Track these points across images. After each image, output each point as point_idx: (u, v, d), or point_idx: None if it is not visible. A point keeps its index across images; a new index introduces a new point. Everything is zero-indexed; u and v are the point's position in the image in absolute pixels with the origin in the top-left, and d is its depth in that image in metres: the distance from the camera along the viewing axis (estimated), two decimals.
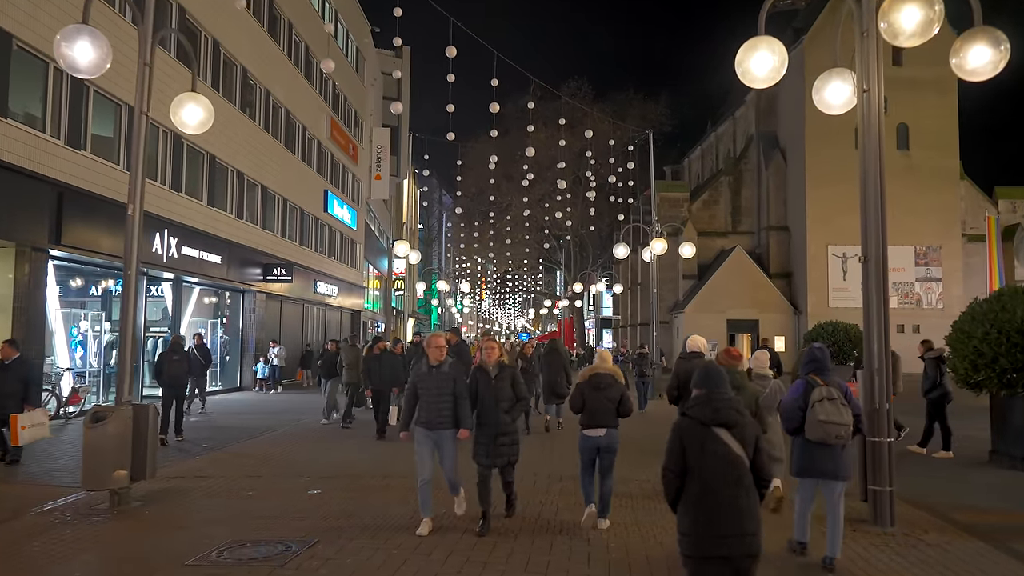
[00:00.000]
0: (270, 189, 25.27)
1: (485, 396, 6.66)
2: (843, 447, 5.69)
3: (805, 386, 5.79)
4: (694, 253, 20.81)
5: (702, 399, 3.96)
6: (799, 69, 39.68)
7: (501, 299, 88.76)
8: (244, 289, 23.71)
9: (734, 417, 3.87)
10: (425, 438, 6.58)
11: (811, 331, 22.10)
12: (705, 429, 3.84)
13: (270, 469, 9.81)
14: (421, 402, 6.60)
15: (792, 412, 5.77)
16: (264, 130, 24.80)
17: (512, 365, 7.52)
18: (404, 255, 21.69)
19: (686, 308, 40.97)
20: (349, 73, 36.25)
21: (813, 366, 5.91)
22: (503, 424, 6.62)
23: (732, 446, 3.80)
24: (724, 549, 3.69)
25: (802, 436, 5.73)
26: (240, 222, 22.71)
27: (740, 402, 4.09)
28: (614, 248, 21.07)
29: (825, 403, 5.59)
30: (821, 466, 5.68)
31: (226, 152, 21.63)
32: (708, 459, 3.79)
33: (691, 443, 3.83)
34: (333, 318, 34.63)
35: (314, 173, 30.35)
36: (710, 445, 3.80)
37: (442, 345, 6.70)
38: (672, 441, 3.91)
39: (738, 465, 3.79)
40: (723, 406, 3.89)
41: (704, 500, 3.76)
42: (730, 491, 3.74)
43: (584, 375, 7.03)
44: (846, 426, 5.57)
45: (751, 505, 3.77)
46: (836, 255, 39.01)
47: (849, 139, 38.94)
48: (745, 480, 3.79)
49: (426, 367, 6.65)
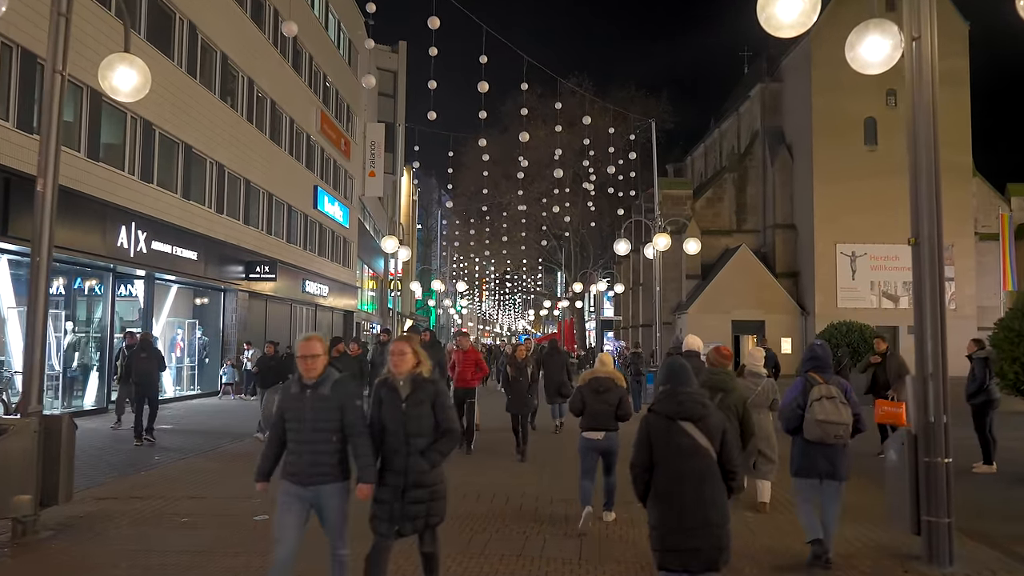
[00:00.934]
0: (254, 183, 24.07)
1: (389, 426, 4.36)
2: (843, 446, 5.60)
3: (804, 384, 5.68)
4: (699, 249, 19.63)
5: (667, 394, 3.98)
6: (806, 62, 38.51)
7: (500, 300, 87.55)
8: (225, 288, 22.50)
9: (699, 411, 3.89)
10: (292, 498, 4.31)
11: (824, 331, 20.88)
12: (671, 423, 3.87)
13: (218, 489, 8.58)
14: (289, 441, 4.38)
15: (791, 412, 5.67)
16: (248, 121, 23.61)
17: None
18: (393, 251, 20.42)
19: (689, 309, 39.72)
20: (341, 66, 35.07)
21: (813, 364, 5.78)
22: (416, 471, 4.29)
23: (698, 439, 3.82)
24: (692, 541, 3.71)
25: (801, 436, 5.64)
26: (220, 217, 21.50)
27: (705, 395, 4.10)
28: (615, 244, 19.89)
29: (824, 402, 5.48)
30: (820, 466, 5.59)
31: (204, 142, 20.43)
32: (674, 453, 3.83)
33: (657, 437, 3.88)
34: (324, 319, 33.41)
35: (303, 168, 29.15)
36: (675, 439, 3.84)
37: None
38: (639, 436, 3.95)
39: (704, 458, 3.81)
40: (687, 400, 3.91)
41: (671, 493, 3.79)
42: (696, 484, 3.76)
43: (584, 378, 7.12)
44: (845, 425, 5.48)
45: (717, 498, 3.80)
46: (845, 254, 37.76)
47: (858, 134, 37.76)
48: (711, 473, 3.81)
49: (297, 386, 4.39)
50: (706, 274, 41.97)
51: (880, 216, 37.17)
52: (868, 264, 37.68)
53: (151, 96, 18.25)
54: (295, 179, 28.17)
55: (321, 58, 31.33)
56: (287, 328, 28.21)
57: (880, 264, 37.68)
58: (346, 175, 36.51)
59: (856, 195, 37.33)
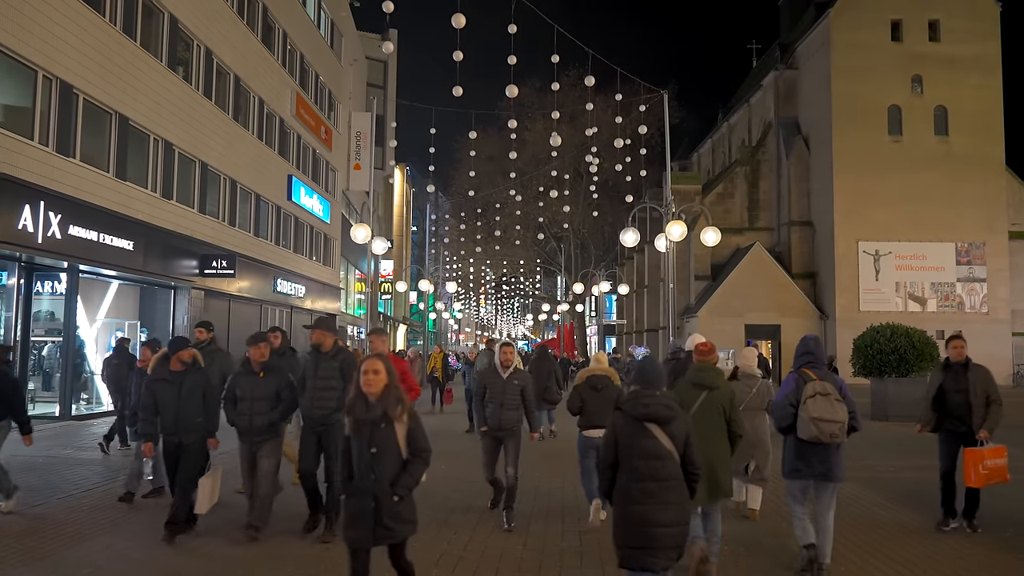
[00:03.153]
0: (212, 167, 21.28)
1: None
2: (837, 446, 5.37)
3: (797, 381, 5.48)
4: (718, 240, 16.87)
5: (635, 395, 4.07)
6: (825, 47, 35.75)
7: (499, 305, 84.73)
8: (176, 285, 19.70)
9: (665, 413, 3.98)
10: None
11: (864, 335, 18.03)
12: (637, 424, 3.97)
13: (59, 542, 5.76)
14: None
15: (783, 409, 5.50)
16: (205, 97, 20.83)
17: None
18: (364, 240, 17.65)
19: (699, 312, 36.88)
20: (321, 47, 32.33)
21: (806, 359, 5.55)
22: None
23: (662, 441, 3.93)
24: (653, 540, 3.82)
25: (794, 435, 5.45)
26: (167, 203, 18.70)
27: (673, 397, 4.18)
28: (622, 235, 17.10)
29: (818, 399, 5.27)
30: (813, 467, 5.40)
31: (146, 116, 17.65)
32: (638, 453, 3.93)
33: (623, 437, 3.98)
34: (303, 321, 30.57)
35: (275, 155, 26.38)
36: (640, 440, 3.94)
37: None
38: (607, 436, 4.09)
39: (667, 459, 3.92)
40: (654, 402, 4.00)
41: (634, 493, 3.89)
42: (659, 484, 3.87)
43: (581, 377, 7.14)
44: (840, 424, 5.27)
45: (680, 498, 3.93)
46: (867, 253, 34.90)
47: (881, 122, 35.00)
48: (674, 474, 3.93)
49: None
50: (716, 275, 39.16)
51: (906, 212, 34.40)
52: (893, 263, 34.81)
53: (72, 54, 15.58)
54: (265, 166, 25.39)
55: (297, 36, 28.60)
56: (255, 330, 25.35)
57: (906, 264, 34.82)
58: (328, 167, 33.75)
59: (880, 189, 34.52)
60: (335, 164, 34.53)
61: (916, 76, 35.00)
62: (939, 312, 34.29)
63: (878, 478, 9.73)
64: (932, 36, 35.19)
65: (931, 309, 34.50)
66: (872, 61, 34.66)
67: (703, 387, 5.47)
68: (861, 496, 8.58)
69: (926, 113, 34.99)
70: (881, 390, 17.72)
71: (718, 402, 5.43)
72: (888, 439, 14.06)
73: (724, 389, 5.56)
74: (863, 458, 11.47)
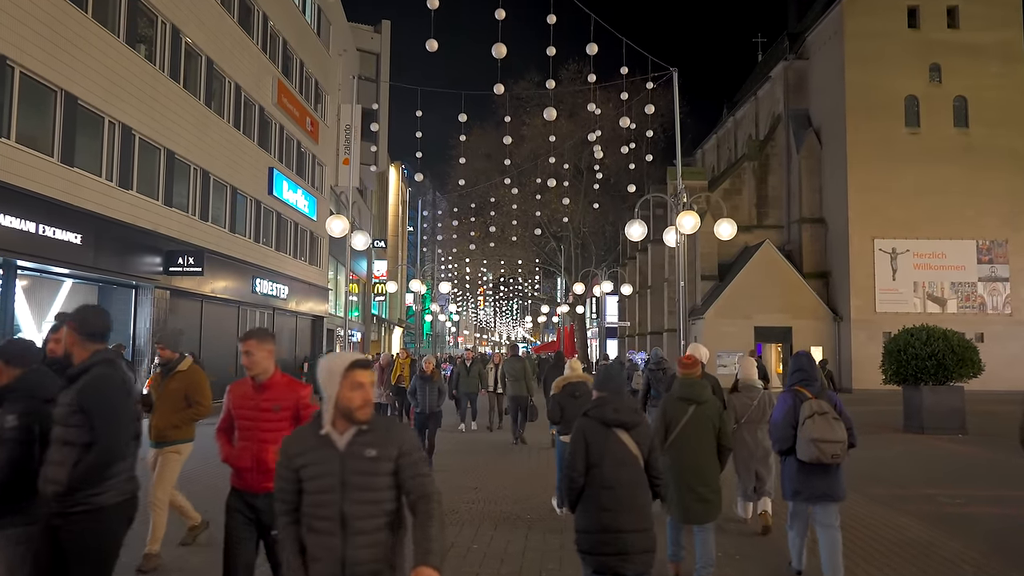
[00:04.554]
0: (180, 156, 19.53)
1: None
2: (837, 466, 5.24)
3: (793, 400, 5.31)
4: (733, 233, 15.06)
5: (602, 401, 4.07)
6: (838, 35, 34.00)
7: (497, 307, 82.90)
8: (138, 284, 17.94)
9: (632, 418, 4.01)
10: None
11: (896, 339, 16.25)
12: (606, 430, 3.98)
13: None
14: None
15: (784, 431, 5.31)
16: (171, 79, 19.09)
17: None
18: (340, 233, 15.88)
19: (706, 313, 35.09)
20: (307, 34, 30.60)
21: (799, 376, 5.38)
22: None
23: (630, 446, 3.96)
24: (623, 545, 3.83)
25: (793, 456, 5.29)
26: (124, 193, 16.94)
27: (636, 403, 4.75)
28: (627, 227, 15.30)
29: (816, 419, 5.14)
30: (815, 487, 5.23)
31: (99, 96, 15.90)
32: (608, 459, 3.93)
33: (593, 442, 3.97)
34: (286, 325, 28.83)
35: (254, 145, 24.62)
36: (609, 445, 3.95)
37: None
38: (575, 442, 4.01)
39: (634, 465, 3.95)
40: (622, 407, 4.03)
41: (603, 498, 3.89)
42: (628, 490, 3.90)
43: (558, 385, 7.43)
44: (841, 443, 5.13)
45: (646, 503, 3.96)
46: (884, 250, 33.10)
47: (897, 113, 33.24)
48: (640, 480, 3.96)
49: None
50: (723, 275, 37.39)
51: (924, 207, 32.64)
52: (911, 262, 33.01)
53: (5, 21, 13.77)
54: (243, 157, 23.64)
55: (280, 20, 26.87)
56: (233, 336, 23.61)
57: (924, 262, 33.03)
58: (315, 161, 32.01)
59: (896, 184, 32.75)
60: (323, 158, 32.79)
61: (934, 65, 33.24)
62: (960, 313, 32.49)
63: (947, 515, 7.93)
64: (951, 23, 33.45)
65: (951, 310, 32.70)
66: (888, 49, 32.92)
67: (691, 401, 5.32)
68: (936, 544, 6.77)
69: (945, 103, 33.22)
70: (915, 399, 15.94)
71: (707, 416, 5.29)
72: (933, 457, 12.27)
73: (712, 402, 5.39)
74: (912, 483, 9.71)
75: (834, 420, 5.13)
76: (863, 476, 10.08)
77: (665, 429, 5.28)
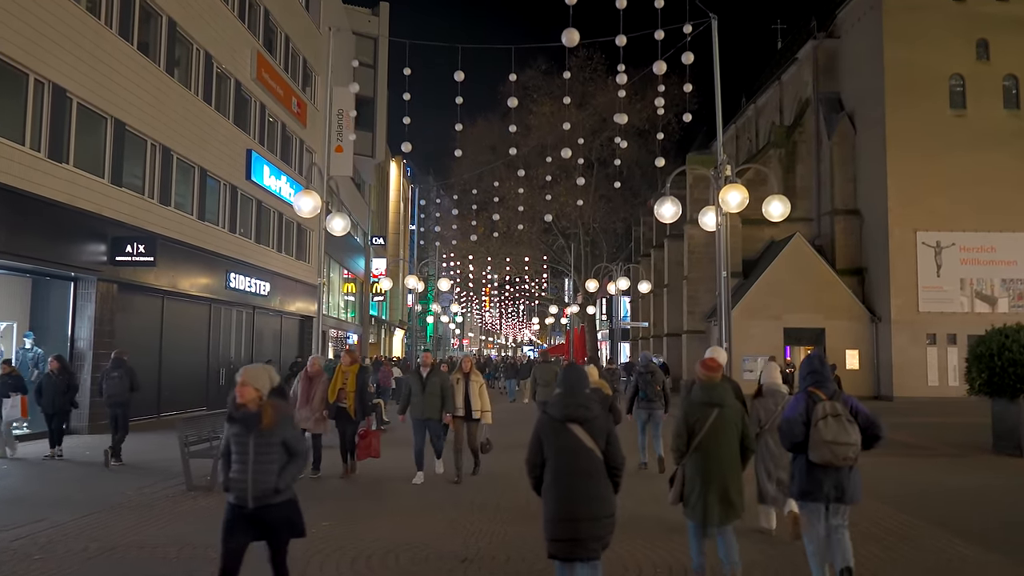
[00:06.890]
0: (132, 128, 16.81)
1: None
2: (850, 468, 5.13)
3: (806, 400, 5.22)
4: (786, 212, 12.45)
5: (558, 398, 4.39)
6: (875, 9, 31.09)
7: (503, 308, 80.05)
8: (76, 275, 15.22)
9: (583, 414, 4.30)
10: None
11: (986, 341, 13.38)
12: (559, 425, 4.28)
13: None
14: None
15: (796, 426, 5.17)
16: (122, 39, 16.38)
17: None
18: (310, 214, 13.25)
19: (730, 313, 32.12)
20: (293, 5, 27.91)
21: (813, 378, 5.30)
22: None
23: (583, 439, 4.24)
24: (577, 532, 4.10)
25: (804, 456, 5.17)
26: (56, 167, 14.21)
27: (592, 399, 4.43)
28: (657, 206, 12.60)
29: (830, 420, 5.04)
30: (825, 490, 5.11)
31: (21, 48, 13.20)
32: (561, 452, 4.25)
33: (547, 437, 4.30)
34: (269, 325, 26.11)
35: (228, 123, 21.91)
36: (562, 439, 4.26)
37: None
38: (533, 436, 4.39)
39: (588, 457, 4.23)
40: (573, 403, 4.33)
41: (558, 488, 4.19)
42: (581, 480, 4.18)
43: None
44: (854, 446, 5.05)
45: (602, 492, 4.23)
46: (927, 244, 30.12)
47: (942, 94, 30.29)
48: (596, 470, 4.24)
49: None
50: (748, 272, 34.48)
51: (971, 197, 29.64)
52: (957, 257, 30.02)
53: None
54: (213, 135, 20.91)
55: None
56: (204, 337, 20.89)
57: (972, 257, 30.04)
58: (303, 147, 29.33)
59: (941, 171, 29.78)
60: (312, 144, 30.06)
61: (981, 41, 30.26)
62: (1011, 313, 29.41)
63: None
64: None
65: (1002, 309, 29.70)
66: (930, 24, 29.98)
67: (713, 405, 5.36)
68: None
69: (994, 83, 30.24)
70: (1010, 415, 13.08)
71: (731, 420, 5.35)
72: None
73: (735, 406, 5.47)
74: None
75: (848, 422, 5.06)
76: (958, 514, 7.24)
77: (689, 434, 5.29)
